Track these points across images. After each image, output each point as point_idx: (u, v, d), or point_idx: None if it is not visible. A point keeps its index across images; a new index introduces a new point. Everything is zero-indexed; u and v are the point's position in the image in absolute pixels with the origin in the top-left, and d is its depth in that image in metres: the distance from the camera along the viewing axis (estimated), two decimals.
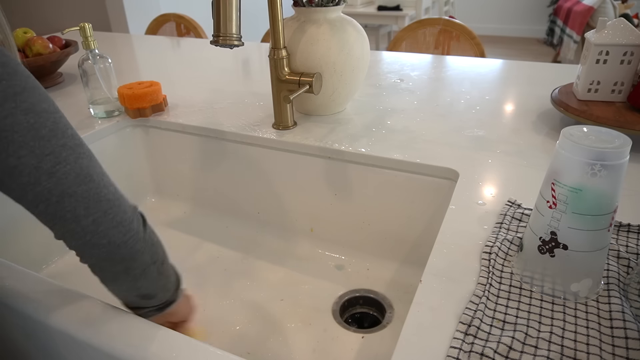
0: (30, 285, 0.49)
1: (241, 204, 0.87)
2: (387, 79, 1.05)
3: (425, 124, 0.80)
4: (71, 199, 0.38)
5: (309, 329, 0.67)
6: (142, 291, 0.46)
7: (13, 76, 0.36)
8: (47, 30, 2.42)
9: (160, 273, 0.47)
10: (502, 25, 5.04)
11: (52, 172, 0.37)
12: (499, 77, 1.04)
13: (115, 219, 0.41)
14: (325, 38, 0.75)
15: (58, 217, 0.39)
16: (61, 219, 0.39)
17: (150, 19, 1.87)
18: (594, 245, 0.39)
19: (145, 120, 0.89)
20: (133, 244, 0.42)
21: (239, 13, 0.59)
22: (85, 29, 0.82)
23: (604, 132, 0.38)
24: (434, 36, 1.44)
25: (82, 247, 0.41)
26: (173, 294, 0.51)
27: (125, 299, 0.48)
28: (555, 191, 0.38)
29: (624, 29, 0.68)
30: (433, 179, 0.67)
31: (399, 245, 0.75)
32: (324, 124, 0.82)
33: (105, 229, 0.40)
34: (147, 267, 0.45)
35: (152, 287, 0.47)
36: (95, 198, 0.40)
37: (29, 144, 0.36)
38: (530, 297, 0.42)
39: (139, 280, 0.45)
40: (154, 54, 1.38)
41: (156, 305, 0.49)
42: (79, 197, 0.39)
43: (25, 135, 0.36)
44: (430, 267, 0.47)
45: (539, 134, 0.74)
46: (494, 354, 0.36)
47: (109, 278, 0.44)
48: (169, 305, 0.51)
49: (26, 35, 1.10)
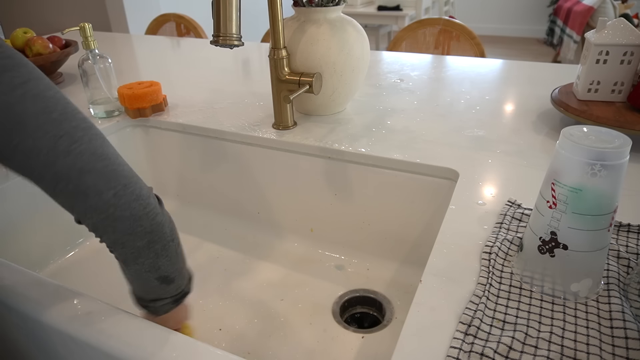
0: (30, 285, 0.49)
1: (241, 203, 0.87)
2: (387, 79, 1.05)
3: (425, 124, 0.80)
4: (90, 175, 0.40)
5: (309, 329, 0.67)
6: (161, 272, 0.47)
7: (18, 67, 0.38)
8: (47, 30, 2.42)
9: (177, 254, 0.48)
10: (502, 25, 5.04)
11: (68, 151, 0.39)
12: (499, 77, 1.04)
13: (134, 192, 0.42)
14: (325, 38, 0.75)
15: (79, 193, 0.40)
16: (82, 194, 0.40)
17: (150, 19, 1.87)
18: (594, 245, 0.39)
19: (145, 120, 0.89)
20: (154, 216, 0.43)
21: (239, 13, 0.59)
22: (85, 29, 0.82)
23: (604, 132, 0.38)
24: (434, 36, 1.44)
25: (105, 222, 0.42)
26: (187, 284, 0.52)
27: (145, 285, 0.47)
28: (555, 191, 0.38)
29: (624, 29, 0.68)
30: (433, 179, 0.67)
31: (399, 245, 0.75)
32: (324, 124, 0.82)
33: (127, 201, 0.41)
34: (167, 243, 0.45)
35: (171, 268, 0.47)
36: (113, 173, 0.41)
37: (42, 127, 0.38)
38: (530, 297, 0.42)
39: (160, 258, 0.45)
40: (154, 54, 1.38)
41: (173, 295, 0.50)
42: (98, 173, 0.40)
43: (38, 118, 0.38)
44: (430, 267, 0.47)
45: (539, 134, 0.74)
46: (494, 354, 0.36)
47: (132, 256, 0.44)
48: (184, 297, 0.51)
49: (26, 35, 1.10)
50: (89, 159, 0.40)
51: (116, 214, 0.41)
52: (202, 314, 0.70)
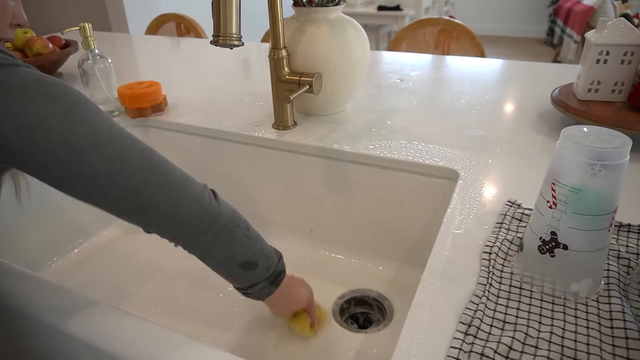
0: (30, 285, 0.49)
1: (241, 203, 0.87)
2: (387, 79, 1.05)
3: (425, 124, 0.80)
4: (147, 191, 0.42)
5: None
6: (239, 258, 0.49)
7: (66, 94, 0.39)
8: (47, 30, 2.42)
9: (249, 237, 0.50)
10: (502, 25, 5.04)
11: (123, 170, 0.41)
12: (499, 77, 1.04)
13: (188, 196, 0.45)
14: (325, 38, 0.75)
15: (142, 210, 0.42)
16: (144, 211, 0.42)
17: (150, 19, 1.87)
18: (594, 245, 0.39)
19: (145, 120, 0.89)
20: (210, 209, 0.46)
21: (239, 13, 0.59)
22: (85, 29, 0.82)
23: (604, 132, 0.38)
24: (434, 36, 1.44)
25: (170, 229, 0.44)
26: (278, 263, 0.54)
27: (232, 274, 0.51)
28: (555, 191, 0.38)
29: (624, 29, 0.68)
30: (433, 179, 0.67)
31: (399, 245, 0.75)
32: (324, 124, 0.82)
33: (184, 205, 0.44)
34: (232, 230, 0.48)
35: (247, 252, 0.50)
36: (167, 184, 0.43)
37: (94, 150, 0.39)
38: (531, 297, 0.42)
39: (232, 246, 0.48)
40: (154, 54, 1.38)
41: (265, 277, 0.52)
42: (154, 187, 0.42)
43: (89, 142, 0.39)
44: (430, 267, 0.47)
45: (539, 134, 0.74)
46: (494, 354, 0.36)
47: (206, 252, 0.48)
48: (279, 277, 0.54)
49: (26, 35, 1.10)
50: (143, 174, 0.42)
51: (177, 218, 0.44)
52: (202, 313, 0.70)
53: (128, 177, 0.41)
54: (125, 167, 0.41)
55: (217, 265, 0.50)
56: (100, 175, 0.39)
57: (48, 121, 0.37)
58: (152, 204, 0.42)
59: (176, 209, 0.43)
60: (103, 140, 0.40)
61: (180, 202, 0.44)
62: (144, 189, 0.41)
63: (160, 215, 0.43)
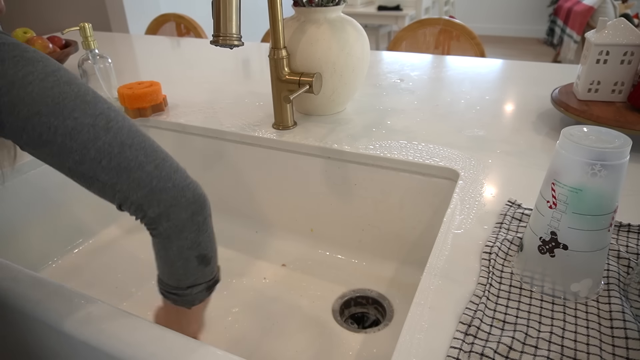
0: (30, 285, 0.49)
1: (241, 203, 0.87)
2: (387, 79, 1.05)
3: (425, 124, 0.80)
4: (131, 149, 0.41)
5: (309, 329, 0.67)
6: (201, 249, 0.47)
7: (47, 59, 0.40)
8: (47, 30, 2.42)
9: (213, 231, 0.49)
10: (502, 25, 5.04)
11: (107, 128, 0.40)
12: (499, 77, 1.04)
13: (172, 165, 0.44)
14: (325, 38, 0.75)
15: (122, 168, 0.41)
16: (125, 169, 0.41)
17: (150, 19, 1.87)
18: (594, 245, 0.39)
19: (145, 120, 0.89)
20: (195, 186, 0.45)
21: (239, 13, 0.59)
22: (85, 29, 0.82)
23: (604, 132, 0.38)
24: (434, 36, 1.44)
25: (150, 195, 0.42)
26: (218, 272, 0.52)
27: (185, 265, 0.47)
28: (555, 191, 0.38)
29: (624, 29, 0.68)
30: (433, 179, 0.67)
31: (399, 245, 0.75)
32: (324, 124, 0.82)
33: (167, 173, 0.43)
34: (207, 216, 0.46)
35: (210, 246, 0.48)
36: (151, 147, 0.43)
37: (79, 107, 0.39)
38: (530, 297, 0.42)
39: (201, 233, 0.46)
40: (154, 54, 1.38)
41: (208, 279, 0.50)
42: (138, 146, 0.42)
43: (74, 100, 0.39)
44: (430, 267, 0.47)
45: (539, 134, 0.74)
46: (494, 354, 0.36)
47: (176, 230, 0.44)
48: (214, 285, 0.52)
49: (26, 35, 1.10)
50: (127, 134, 0.41)
51: (159, 185, 0.42)
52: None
53: (113, 133, 0.40)
54: (110, 125, 0.40)
55: (178, 250, 0.45)
56: (83, 128, 0.39)
57: (29, 79, 0.37)
58: (136, 163, 0.41)
59: (160, 173, 0.42)
60: (88, 99, 0.40)
61: (164, 169, 0.42)
62: (127, 147, 0.41)
63: (143, 176, 0.41)
